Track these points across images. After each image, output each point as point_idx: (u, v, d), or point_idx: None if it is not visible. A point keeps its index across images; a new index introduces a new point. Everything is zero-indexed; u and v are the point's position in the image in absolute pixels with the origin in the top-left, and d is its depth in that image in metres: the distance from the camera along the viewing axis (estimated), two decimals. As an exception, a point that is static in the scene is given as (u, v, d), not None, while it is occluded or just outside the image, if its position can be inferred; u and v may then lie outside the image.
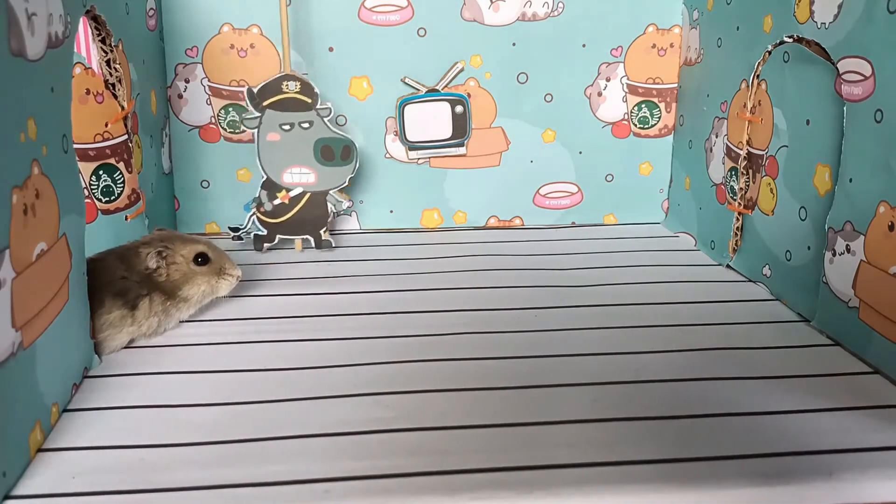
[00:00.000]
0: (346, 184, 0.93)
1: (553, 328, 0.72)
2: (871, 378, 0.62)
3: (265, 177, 0.92)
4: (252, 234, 0.94)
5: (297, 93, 0.90)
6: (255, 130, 0.91)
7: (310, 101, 0.90)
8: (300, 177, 0.92)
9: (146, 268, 0.69)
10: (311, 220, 0.94)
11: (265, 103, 0.90)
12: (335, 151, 0.91)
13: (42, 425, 0.52)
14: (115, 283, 0.67)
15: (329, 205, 0.93)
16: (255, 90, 0.90)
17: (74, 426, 0.55)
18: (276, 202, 0.93)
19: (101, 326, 0.65)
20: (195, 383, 0.61)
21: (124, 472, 0.49)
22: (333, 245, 0.95)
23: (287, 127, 0.91)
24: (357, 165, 0.92)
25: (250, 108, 0.90)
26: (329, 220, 0.94)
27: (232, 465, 0.50)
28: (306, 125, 0.90)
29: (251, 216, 0.93)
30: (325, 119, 0.91)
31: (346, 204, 0.93)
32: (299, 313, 0.76)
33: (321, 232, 0.94)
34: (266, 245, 0.94)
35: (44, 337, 0.52)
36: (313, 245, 0.95)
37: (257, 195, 0.92)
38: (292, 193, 0.92)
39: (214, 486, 0.48)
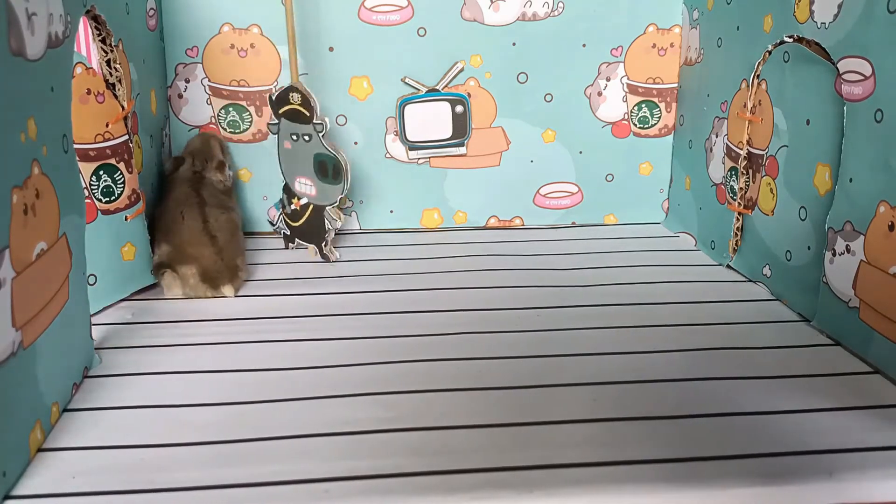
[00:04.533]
0: (338, 203, 0.90)
1: (553, 328, 0.72)
2: (871, 378, 0.62)
3: (285, 181, 0.94)
4: (281, 232, 0.97)
5: (299, 105, 0.88)
6: (277, 135, 0.92)
7: (308, 114, 0.88)
8: (305, 187, 0.91)
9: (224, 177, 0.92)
10: (314, 231, 0.92)
11: (280, 111, 0.90)
12: (328, 169, 0.88)
13: (42, 425, 0.52)
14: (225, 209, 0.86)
15: (326, 221, 0.91)
16: (273, 98, 0.90)
17: (74, 426, 0.55)
18: (291, 207, 0.93)
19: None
20: (195, 383, 0.61)
21: (124, 472, 0.49)
22: (332, 260, 0.92)
23: (295, 137, 0.90)
24: (348, 186, 0.88)
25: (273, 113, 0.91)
26: (326, 235, 0.91)
27: (232, 464, 0.50)
28: (307, 138, 0.89)
29: (279, 215, 0.97)
30: (320, 134, 0.88)
31: (338, 224, 0.91)
32: (299, 313, 0.76)
33: (322, 245, 0.92)
34: (291, 245, 0.96)
35: (44, 337, 0.52)
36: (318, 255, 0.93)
37: (283, 196, 0.95)
38: (302, 202, 0.92)
39: (214, 486, 0.48)
